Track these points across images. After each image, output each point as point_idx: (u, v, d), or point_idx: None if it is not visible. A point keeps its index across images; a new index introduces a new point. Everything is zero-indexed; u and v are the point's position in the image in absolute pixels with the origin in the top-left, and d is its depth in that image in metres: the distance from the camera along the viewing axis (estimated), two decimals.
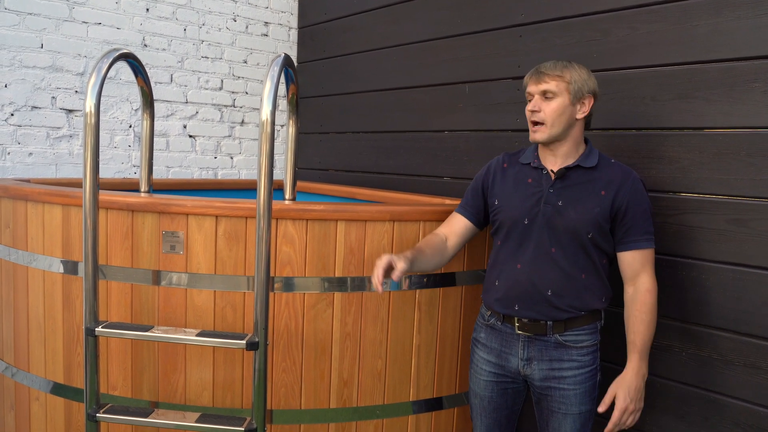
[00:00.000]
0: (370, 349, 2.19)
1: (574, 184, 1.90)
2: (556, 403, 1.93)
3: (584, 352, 1.92)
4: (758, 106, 1.92)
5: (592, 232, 1.87)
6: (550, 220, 1.89)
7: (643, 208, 1.88)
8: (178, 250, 2.08)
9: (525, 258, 1.91)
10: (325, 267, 2.12)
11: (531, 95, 1.91)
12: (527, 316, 1.91)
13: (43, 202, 2.23)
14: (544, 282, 1.89)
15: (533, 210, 1.91)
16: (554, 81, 1.87)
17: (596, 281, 1.92)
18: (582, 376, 1.92)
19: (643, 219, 1.88)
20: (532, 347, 1.93)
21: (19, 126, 3.05)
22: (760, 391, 1.93)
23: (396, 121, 3.24)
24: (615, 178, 1.89)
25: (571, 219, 1.87)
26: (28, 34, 3.05)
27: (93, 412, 1.93)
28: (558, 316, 1.89)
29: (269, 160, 1.84)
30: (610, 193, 1.87)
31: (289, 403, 2.14)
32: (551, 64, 1.90)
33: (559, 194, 1.90)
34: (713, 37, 2.02)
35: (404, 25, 3.17)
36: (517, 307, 1.92)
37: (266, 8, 3.83)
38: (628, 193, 1.87)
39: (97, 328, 1.92)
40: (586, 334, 1.93)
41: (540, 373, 1.93)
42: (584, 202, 1.88)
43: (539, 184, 1.93)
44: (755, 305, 1.93)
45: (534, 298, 1.90)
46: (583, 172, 1.91)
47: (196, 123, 3.61)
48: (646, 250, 1.88)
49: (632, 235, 1.87)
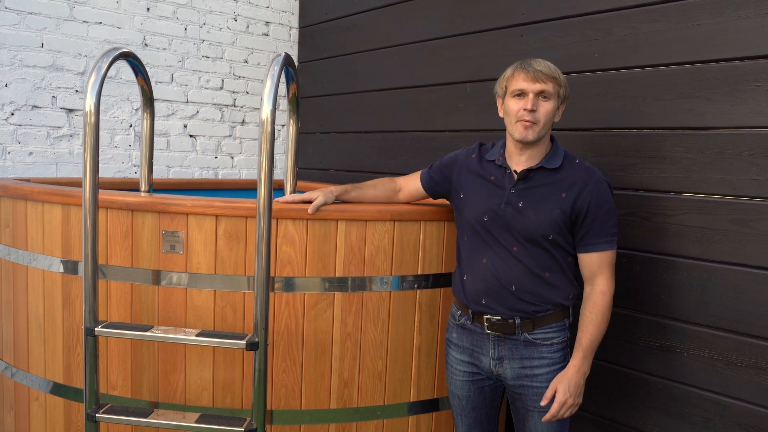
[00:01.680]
0: (371, 350, 2.19)
1: (537, 185, 1.89)
2: (530, 401, 1.93)
3: (554, 349, 1.92)
4: (760, 106, 1.91)
5: (551, 233, 1.86)
6: (509, 222, 1.88)
7: (605, 210, 1.86)
8: (178, 250, 2.07)
9: (489, 253, 1.92)
10: (326, 267, 2.11)
11: (523, 92, 1.85)
12: (495, 310, 1.91)
13: (42, 202, 2.22)
14: (507, 277, 1.89)
15: (494, 210, 1.91)
16: (551, 83, 1.85)
17: (561, 278, 1.91)
18: (554, 372, 1.91)
19: (604, 221, 1.86)
20: (503, 346, 1.94)
21: (20, 125, 3.05)
22: (762, 391, 1.92)
23: (397, 121, 3.23)
24: (577, 179, 1.87)
25: (530, 221, 1.86)
26: (28, 33, 3.04)
27: (92, 412, 1.92)
28: (525, 309, 1.89)
29: (269, 160, 1.83)
30: (572, 195, 1.85)
31: (289, 403, 2.14)
32: (544, 64, 1.86)
33: (521, 195, 1.89)
34: (715, 37, 2.02)
35: (405, 25, 3.17)
36: (485, 301, 1.92)
37: (267, 8, 3.83)
38: (589, 195, 1.85)
39: (97, 328, 1.91)
40: (555, 332, 1.92)
41: (512, 371, 1.93)
42: (545, 204, 1.86)
43: (502, 184, 1.92)
44: (757, 305, 1.92)
45: (500, 292, 1.90)
46: (546, 173, 1.89)
47: (196, 123, 3.61)
48: (604, 253, 1.87)
49: (591, 238, 1.86)
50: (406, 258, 2.19)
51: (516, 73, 1.87)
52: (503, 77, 1.93)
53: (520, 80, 1.85)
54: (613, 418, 2.30)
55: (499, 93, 1.95)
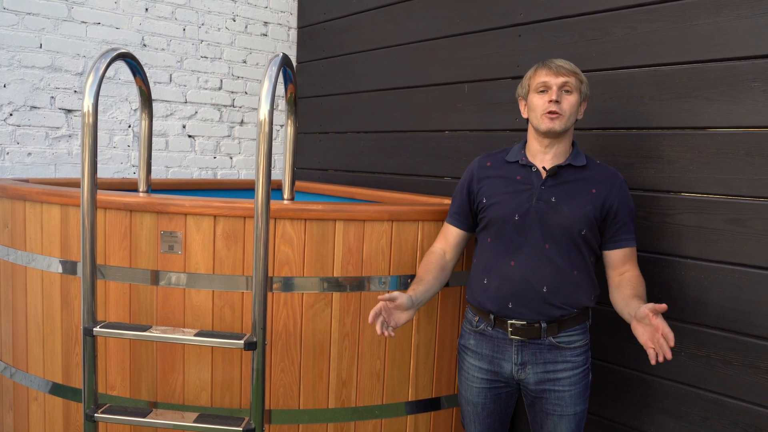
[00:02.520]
0: (369, 349, 2.19)
1: (566, 181, 1.92)
2: (551, 405, 1.92)
3: (577, 353, 1.93)
4: (758, 106, 1.92)
5: (584, 228, 1.88)
6: (543, 217, 1.89)
7: (630, 209, 1.96)
8: (177, 250, 2.08)
9: (518, 255, 1.90)
10: (324, 267, 2.11)
11: (546, 86, 1.89)
12: (520, 314, 1.90)
13: (41, 202, 2.22)
14: (539, 279, 1.88)
15: (524, 206, 1.91)
16: (572, 77, 1.89)
17: (586, 278, 1.92)
18: (576, 376, 1.92)
19: (631, 219, 1.96)
20: (526, 351, 1.93)
21: (18, 126, 3.05)
22: (759, 390, 1.92)
23: (395, 121, 3.24)
24: (605, 178, 1.94)
25: (565, 215, 1.88)
26: (27, 33, 3.05)
27: (91, 412, 1.93)
28: (552, 314, 1.89)
29: (267, 160, 1.84)
30: (602, 193, 1.91)
31: (287, 403, 2.14)
32: (565, 61, 1.92)
33: (552, 191, 1.90)
34: (713, 36, 2.02)
35: (404, 25, 3.17)
36: (511, 305, 1.91)
37: (265, 8, 3.83)
38: (617, 194, 1.92)
39: (95, 328, 1.92)
40: (578, 334, 1.93)
41: (535, 376, 1.93)
42: (577, 199, 1.89)
43: (530, 181, 1.93)
44: (754, 305, 1.93)
45: (528, 296, 1.89)
46: (574, 170, 1.93)
47: (195, 123, 3.61)
48: (632, 249, 1.96)
49: (622, 234, 1.94)
50: (404, 258, 2.20)
51: (538, 70, 1.93)
52: (525, 78, 1.98)
53: (543, 75, 1.91)
54: (611, 417, 2.30)
55: (521, 94, 2.00)
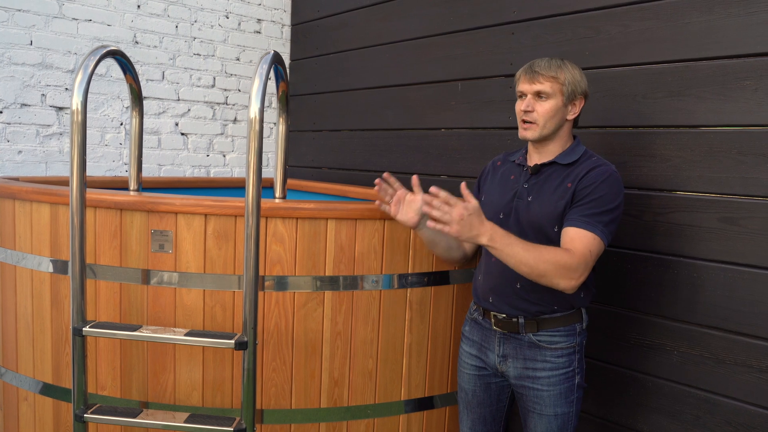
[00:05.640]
0: (361, 349, 2.18)
1: (547, 180, 1.89)
2: (530, 402, 1.93)
3: (558, 354, 1.90)
4: (750, 104, 1.91)
5: (557, 225, 1.84)
6: (518, 215, 1.90)
7: (598, 196, 1.78)
8: (167, 249, 2.06)
9: None
10: (316, 266, 2.10)
11: (523, 94, 1.89)
12: (500, 308, 1.93)
13: (30, 201, 2.21)
14: (513, 274, 1.84)
15: (508, 205, 1.93)
16: (549, 82, 1.84)
17: None
18: (556, 378, 1.89)
19: (593, 205, 1.78)
20: (508, 344, 1.94)
21: (9, 123, 3.03)
22: (752, 389, 1.92)
23: (389, 119, 3.23)
24: (583, 169, 1.84)
25: (535, 213, 1.86)
26: (17, 30, 3.02)
27: (81, 412, 1.91)
28: (528, 309, 1.88)
29: (258, 158, 1.82)
30: (574, 183, 1.82)
31: (279, 402, 2.13)
32: (546, 64, 1.86)
33: (531, 189, 1.90)
34: (705, 35, 2.01)
35: (397, 23, 3.16)
36: (491, 299, 1.94)
37: (259, 5, 3.81)
38: (588, 180, 1.80)
39: (85, 328, 1.90)
40: (561, 336, 1.90)
41: (515, 371, 1.93)
42: (551, 196, 1.85)
43: (518, 180, 1.95)
44: (746, 303, 1.92)
45: (505, 291, 1.91)
46: (558, 168, 1.89)
47: (188, 121, 3.59)
48: (579, 230, 1.76)
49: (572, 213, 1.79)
50: (396, 256, 2.19)
51: (520, 75, 1.92)
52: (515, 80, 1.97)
53: (521, 82, 1.91)
54: (604, 416, 2.30)
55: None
